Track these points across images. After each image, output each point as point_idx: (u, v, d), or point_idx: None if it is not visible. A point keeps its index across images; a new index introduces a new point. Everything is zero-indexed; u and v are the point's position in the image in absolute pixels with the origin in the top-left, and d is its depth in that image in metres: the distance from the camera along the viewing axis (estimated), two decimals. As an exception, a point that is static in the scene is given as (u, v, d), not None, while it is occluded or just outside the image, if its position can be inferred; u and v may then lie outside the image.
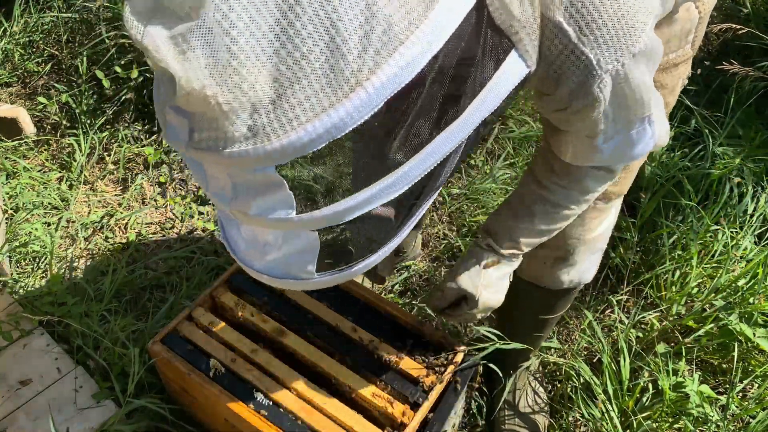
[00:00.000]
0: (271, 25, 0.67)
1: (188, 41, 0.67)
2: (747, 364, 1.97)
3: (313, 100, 0.69)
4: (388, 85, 0.70)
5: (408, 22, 0.70)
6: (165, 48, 0.67)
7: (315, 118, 0.69)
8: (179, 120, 0.74)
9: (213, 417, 1.63)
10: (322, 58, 0.68)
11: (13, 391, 1.73)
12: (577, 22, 0.90)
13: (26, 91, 2.85)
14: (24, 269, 2.21)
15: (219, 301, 1.67)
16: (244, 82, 0.68)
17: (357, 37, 0.68)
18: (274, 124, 0.70)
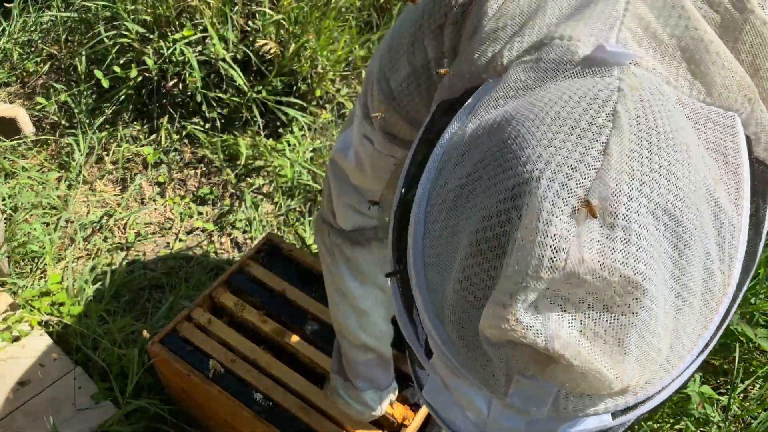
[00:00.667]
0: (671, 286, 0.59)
1: (618, 337, 0.56)
2: (748, 364, 1.96)
3: (694, 334, 0.63)
4: (736, 282, 0.66)
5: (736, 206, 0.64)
6: (586, 350, 0.56)
7: (688, 353, 0.64)
8: (539, 390, 0.62)
9: (213, 417, 1.62)
10: (703, 288, 0.62)
11: (12, 391, 1.73)
12: None
13: (25, 90, 2.84)
14: (23, 269, 2.20)
15: (218, 301, 1.66)
16: (660, 355, 0.60)
17: (717, 252, 0.62)
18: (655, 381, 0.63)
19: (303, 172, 2.45)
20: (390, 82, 0.91)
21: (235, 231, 2.37)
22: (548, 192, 0.54)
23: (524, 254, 0.55)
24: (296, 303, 1.64)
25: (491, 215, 0.58)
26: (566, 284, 0.55)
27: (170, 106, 2.62)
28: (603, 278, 0.55)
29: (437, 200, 0.66)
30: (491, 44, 0.74)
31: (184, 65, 2.53)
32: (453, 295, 0.62)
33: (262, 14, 2.60)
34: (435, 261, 0.65)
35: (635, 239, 0.55)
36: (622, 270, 0.55)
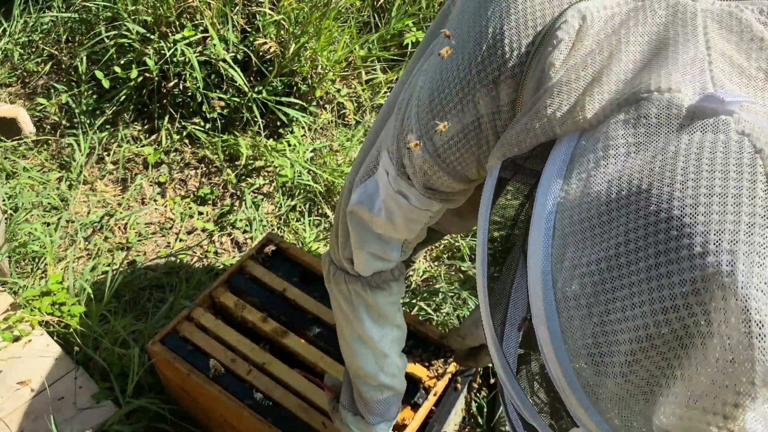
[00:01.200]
0: None
1: None
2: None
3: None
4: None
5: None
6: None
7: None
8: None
9: (212, 417, 1.63)
10: None
11: (12, 391, 1.73)
12: None
13: (26, 90, 2.84)
14: (23, 269, 2.21)
15: (218, 301, 1.66)
16: None
17: None
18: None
19: (303, 172, 2.46)
20: (434, 139, 0.85)
21: (235, 231, 2.37)
22: (749, 289, 0.49)
23: (741, 359, 0.49)
24: (296, 303, 1.65)
25: (667, 309, 0.52)
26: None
27: (171, 106, 2.62)
28: None
29: (568, 285, 0.61)
30: (564, 97, 0.69)
31: (184, 65, 2.54)
32: (616, 388, 0.58)
33: (262, 14, 2.60)
34: (583, 353, 0.60)
35: None
36: None
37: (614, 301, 0.56)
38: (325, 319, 1.61)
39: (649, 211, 0.55)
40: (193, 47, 2.54)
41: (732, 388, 0.49)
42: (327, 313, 1.62)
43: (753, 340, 0.48)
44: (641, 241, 0.54)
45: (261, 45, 2.54)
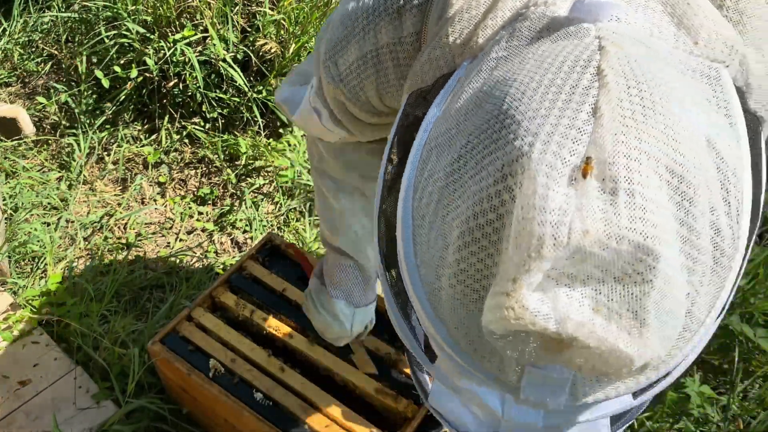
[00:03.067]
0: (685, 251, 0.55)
1: (634, 310, 0.53)
2: (748, 364, 1.96)
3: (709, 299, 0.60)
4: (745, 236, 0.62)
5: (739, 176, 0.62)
6: (601, 329, 0.52)
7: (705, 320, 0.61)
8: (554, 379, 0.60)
9: (213, 417, 1.63)
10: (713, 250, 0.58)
11: (12, 391, 1.73)
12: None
13: (26, 90, 2.84)
14: (23, 269, 2.20)
15: (219, 300, 1.66)
16: (678, 326, 0.57)
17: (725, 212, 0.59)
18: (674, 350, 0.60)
19: (303, 172, 2.46)
20: (338, 65, 0.88)
21: (235, 231, 2.37)
22: (541, 165, 0.50)
23: (524, 235, 0.50)
24: (296, 302, 1.64)
25: (482, 200, 0.53)
26: (572, 260, 0.51)
27: (171, 106, 2.62)
28: (611, 248, 0.51)
29: (423, 194, 0.62)
30: (464, 25, 0.70)
31: (184, 65, 2.54)
32: (450, 291, 0.58)
33: (262, 14, 2.60)
34: (428, 259, 0.61)
35: (640, 202, 0.51)
36: (631, 236, 0.51)
37: (450, 203, 0.57)
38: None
39: (486, 110, 0.56)
40: (193, 47, 2.54)
41: (516, 263, 0.50)
42: (327, 313, 1.62)
43: (535, 214, 0.49)
44: (476, 139, 0.56)
45: (261, 45, 2.54)
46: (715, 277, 0.59)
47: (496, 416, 0.66)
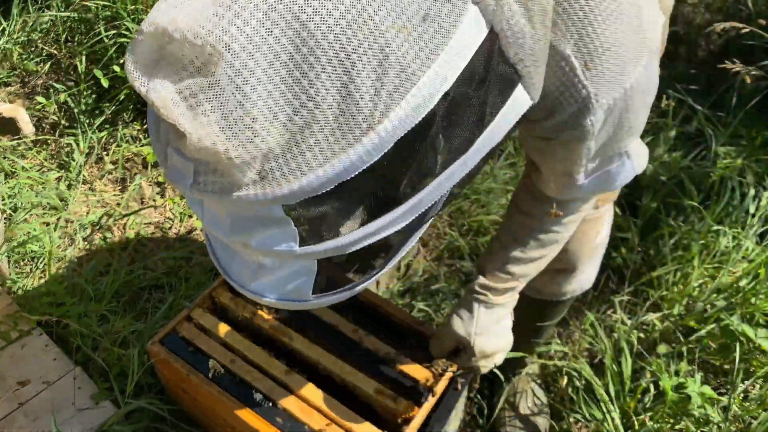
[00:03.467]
0: (284, 77, 0.66)
1: (198, 98, 0.66)
2: (749, 364, 1.96)
3: (325, 145, 0.68)
4: (400, 127, 0.69)
5: (421, 61, 0.68)
6: (173, 105, 0.66)
7: (326, 162, 0.68)
8: (183, 163, 0.73)
9: (212, 417, 1.62)
10: (335, 105, 0.67)
11: (11, 391, 1.73)
12: (583, 56, 0.91)
13: (25, 90, 2.84)
14: (22, 269, 2.20)
15: (218, 301, 1.66)
16: (257, 136, 0.67)
17: (370, 82, 0.67)
18: (284, 169, 0.69)
19: (303, 172, 2.45)
20: None
21: (235, 231, 2.36)
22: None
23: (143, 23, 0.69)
24: (296, 303, 1.64)
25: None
26: (163, 43, 0.67)
27: (170, 105, 2.61)
28: (188, 40, 0.65)
29: None
30: None
31: (184, 65, 2.53)
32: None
33: (262, 14, 2.59)
34: None
35: (230, 15, 0.65)
36: (206, 36, 0.65)
37: None
38: (326, 320, 1.61)
39: None
40: (192, 47, 2.53)
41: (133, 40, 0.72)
42: (327, 313, 1.62)
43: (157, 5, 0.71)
44: None
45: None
46: (338, 136, 0.68)
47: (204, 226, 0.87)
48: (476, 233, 2.38)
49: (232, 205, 0.73)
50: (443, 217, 2.45)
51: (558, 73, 0.92)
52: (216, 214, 0.79)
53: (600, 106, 0.95)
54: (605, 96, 0.94)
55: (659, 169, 2.35)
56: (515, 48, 0.79)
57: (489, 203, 2.43)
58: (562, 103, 0.95)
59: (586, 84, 0.92)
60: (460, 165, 0.80)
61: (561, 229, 1.28)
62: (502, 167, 2.51)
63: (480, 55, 0.74)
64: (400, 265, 2.28)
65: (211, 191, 0.72)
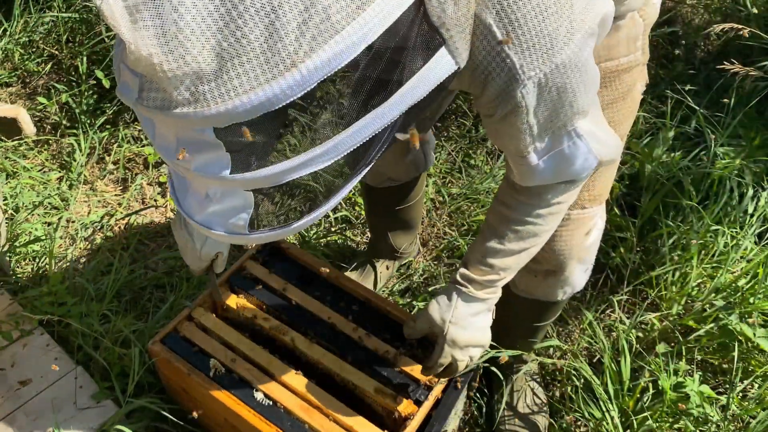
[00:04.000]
0: (217, 5, 0.75)
1: (140, 12, 0.75)
2: (747, 364, 1.96)
3: (251, 74, 0.77)
4: (321, 68, 0.78)
5: (346, 13, 0.77)
6: (119, 15, 0.76)
7: (251, 90, 0.77)
8: (131, 78, 0.83)
9: (213, 417, 1.63)
10: (262, 39, 0.76)
11: (13, 391, 1.73)
12: (505, 26, 0.96)
13: (26, 90, 2.85)
14: (24, 269, 2.21)
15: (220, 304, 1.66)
16: (188, 54, 0.76)
17: (295, 23, 0.76)
18: (214, 92, 0.78)
19: (303, 172, 2.45)
20: None
21: (235, 231, 2.37)
22: None
23: None
24: (296, 302, 1.65)
25: None
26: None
27: (171, 106, 2.62)
28: None
29: None
30: None
31: (184, 65, 2.53)
32: None
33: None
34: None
35: None
36: None
37: None
38: (325, 319, 1.61)
39: None
40: (193, 47, 2.54)
41: None
42: (327, 312, 1.62)
43: None
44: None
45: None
46: (265, 65, 0.77)
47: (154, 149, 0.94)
48: (476, 233, 2.39)
49: (172, 123, 0.83)
50: (443, 217, 2.46)
51: (483, 42, 0.97)
52: (164, 135, 0.88)
53: (529, 79, 0.99)
54: (532, 68, 0.98)
55: (658, 169, 2.35)
56: (438, 12, 0.87)
57: (489, 203, 2.43)
58: (491, 73, 1.00)
59: (509, 53, 0.97)
60: (375, 116, 0.87)
61: (539, 221, 1.28)
62: (501, 167, 2.51)
63: (406, 16, 0.83)
64: (400, 265, 2.28)
65: (153, 107, 0.81)
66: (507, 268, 1.33)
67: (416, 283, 2.26)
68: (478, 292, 1.33)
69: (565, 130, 1.11)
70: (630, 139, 2.50)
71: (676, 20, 3.05)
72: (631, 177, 2.42)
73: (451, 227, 2.43)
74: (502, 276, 1.33)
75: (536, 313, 1.69)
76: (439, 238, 2.41)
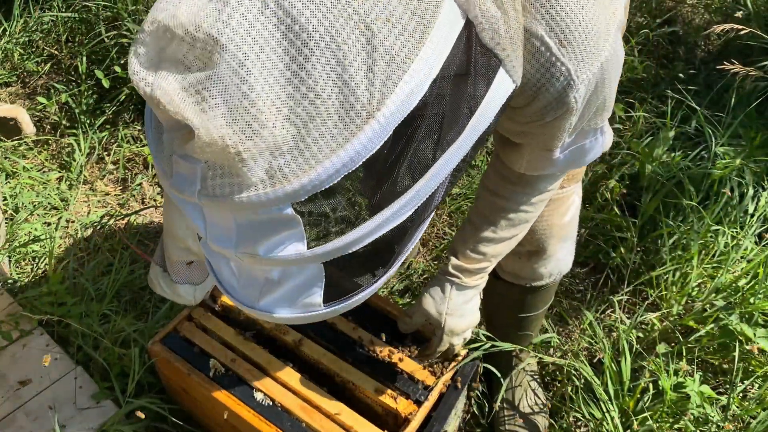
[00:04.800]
0: (282, 70, 0.68)
1: (207, 90, 0.67)
2: (747, 364, 1.96)
3: (329, 137, 0.69)
4: (397, 112, 0.71)
5: (408, 50, 0.72)
6: (180, 100, 0.67)
7: (332, 154, 0.69)
8: (190, 168, 0.73)
9: (213, 417, 1.63)
10: (333, 96, 0.69)
11: (12, 391, 1.73)
12: (556, 35, 0.94)
13: (26, 90, 2.85)
14: (24, 269, 2.21)
15: (219, 300, 1.66)
16: (263, 128, 0.68)
17: (363, 72, 0.69)
18: (292, 165, 0.70)
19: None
20: None
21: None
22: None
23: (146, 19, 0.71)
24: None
25: None
26: (165, 41, 0.69)
27: (171, 106, 2.62)
28: (190, 34, 0.67)
29: None
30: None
31: (184, 65, 2.53)
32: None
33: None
34: None
35: (229, 10, 0.67)
36: (207, 29, 0.67)
37: None
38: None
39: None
40: (193, 47, 2.54)
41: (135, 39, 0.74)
42: (327, 313, 1.62)
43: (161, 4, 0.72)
44: None
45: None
46: (340, 127, 0.70)
47: (204, 239, 0.83)
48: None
49: (241, 208, 0.72)
50: (443, 217, 2.46)
51: (536, 55, 0.95)
52: (220, 225, 0.78)
53: (581, 82, 0.98)
54: (584, 71, 0.97)
55: (658, 169, 2.35)
56: (491, 33, 0.83)
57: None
58: (544, 84, 0.98)
59: (564, 61, 0.95)
60: (453, 152, 0.82)
61: (531, 209, 1.31)
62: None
63: (460, 42, 0.78)
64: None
65: (220, 195, 0.72)
66: (498, 254, 1.36)
67: (416, 283, 2.26)
68: (469, 280, 1.35)
69: (595, 127, 1.11)
70: (630, 139, 2.51)
71: (677, 20, 3.05)
72: (631, 177, 2.42)
73: (451, 227, 2.43)
74: (492, 263, 1.37)
75: (524, 301, 1.70)
76: (439, 238, 2.41)
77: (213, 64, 0.67)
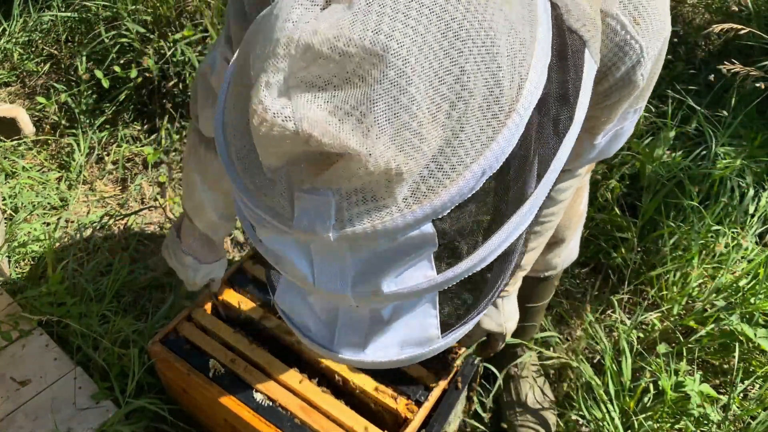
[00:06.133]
0: (437, 69, 0.58)
1: (356, 112, 0.56)
2: (748, 364, 1.96)
3: (474, 137, 0.60)
4: (532, 102, 0.63)
5: (529, 35, 0.64)
6: (334, 128, 0.55)
7: (478, 156, 0.60)
8: (320, 201, 0.60)
9: (213, 417, 1.62)
10: (482, 91, 0.60)
11: (12, 391, 1.73)
12: (630, 12, 0.92)
13: (25, 90, 2.84)
14: (23, 269, 2.20)
15: (219, 300, 1.66)
16: (423, 142, 0.57)
17: (509, 61, 0.61)
18: (438, 175, 0.60)
19: (303, 172, 2.45)
20: (245, 2, 0.95)
21: (235, 231, 2.37)
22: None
23: (266, 42, 0.57)
24: (296, 303, 1.64)
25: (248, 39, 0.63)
26: (306, 61, 0.56)
27: (170, 106, 2.62)
28: (340, 49, 0.55)
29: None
30: None
31: (184, 65, 2.53)
32: (228, 118, 0.65)
33: (263, 14, 2.60)
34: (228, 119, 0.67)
35: (374, 17, 0.56)
36: (359, 41, 0.55)
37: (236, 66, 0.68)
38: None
39: None
40: (193, 47, 2.54)
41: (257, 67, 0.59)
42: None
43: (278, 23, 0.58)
44: None
45: (261, 45, 2.54)
46: (484, 120, 0.60)
47: (310, 285, 0.68)
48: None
49: (383, 235, 0.61)
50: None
51: (610, 35, 0.92)
52: (334, 264, 0.66)
53: (650, 58, 0.95)
54: (653, 47, 0.95)
55: (659, 169, 2.35)
56: (576, 13, 0.78)
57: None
58: (615, 63, 0.94)
59: (638, 38, 0.93)
60: (569, 143, 0.73)
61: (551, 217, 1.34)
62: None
63: (554, 27, 0.71)
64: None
65: (361, 225, 0.60)
66: (532, 260, 1.44)
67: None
68: (511, 289, 1.46)
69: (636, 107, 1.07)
70: (631, 139, 2.50)
71: (677, 20, 3.05)
72: (631, 177, 2.42)
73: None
74: (528, 268, 1.46)
75: (529, 292, 1.72)
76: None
77: (368, 79, 0.56)
